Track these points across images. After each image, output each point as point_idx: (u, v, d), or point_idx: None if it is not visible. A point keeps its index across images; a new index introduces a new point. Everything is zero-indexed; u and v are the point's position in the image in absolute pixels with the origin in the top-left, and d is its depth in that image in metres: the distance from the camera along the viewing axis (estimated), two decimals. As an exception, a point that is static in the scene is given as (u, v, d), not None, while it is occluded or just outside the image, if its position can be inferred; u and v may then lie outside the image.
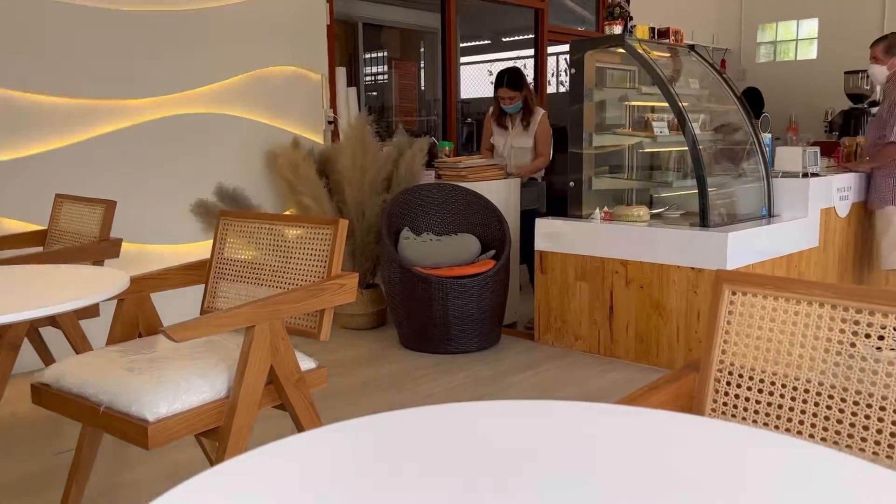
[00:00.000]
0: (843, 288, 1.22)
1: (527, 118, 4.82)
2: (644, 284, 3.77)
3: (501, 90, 4.76)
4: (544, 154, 4.89)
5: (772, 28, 7.57)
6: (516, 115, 4.85)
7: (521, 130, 4.84)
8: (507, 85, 4.74)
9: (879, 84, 4.29)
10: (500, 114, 4.86)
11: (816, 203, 4.09)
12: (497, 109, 4.88)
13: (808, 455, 0.92)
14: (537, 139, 4.85)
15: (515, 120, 4.87)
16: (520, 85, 4.76)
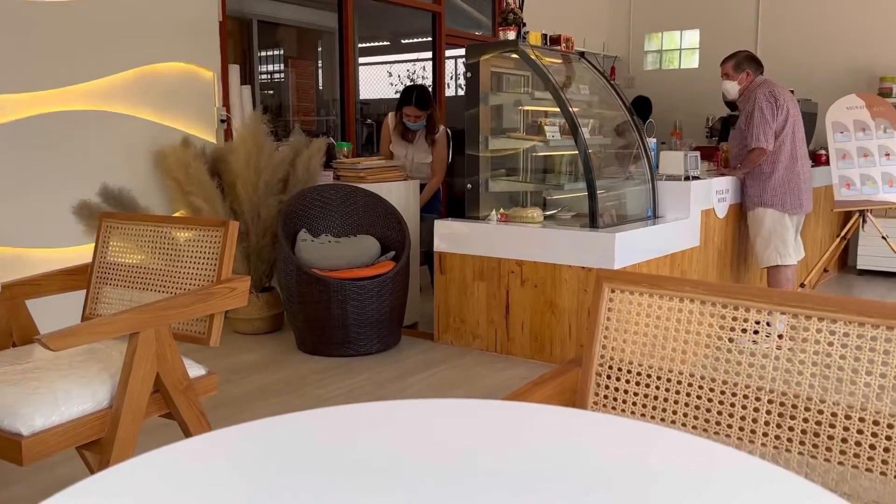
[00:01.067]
0: (711, 285, 1.30)
1: (431, 136, 4.91)
2: (538, 284, 3.87)
3: (408, 108, 4.79)
4: (438, 173, 5.00)
5: (657, 37, 7.95)
6: (418, 132, 4.92)
7: (425, 146, 4.94)
8: (416, 104, 4.78)
9: (732, 98, 4.60)
10: (404, 128, 4.91)
11: (697, 205, 4.32)
12: (400, 123, 4.91)
13: (678, 443, 0.98)
14: (434, 157, 4.94)
15: (417, 136, 4.94)
16: (427, 104, 4.82)
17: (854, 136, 5.53)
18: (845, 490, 1.12)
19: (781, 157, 4.38)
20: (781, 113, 4.33)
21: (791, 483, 0.85)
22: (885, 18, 6.65)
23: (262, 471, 0.90)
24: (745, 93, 4.47)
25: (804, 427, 1.18)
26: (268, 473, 0.89)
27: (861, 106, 5.58)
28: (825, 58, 6.93)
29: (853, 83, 6.67)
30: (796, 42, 7.02)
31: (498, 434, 1.01)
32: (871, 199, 5.49)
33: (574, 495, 0.83)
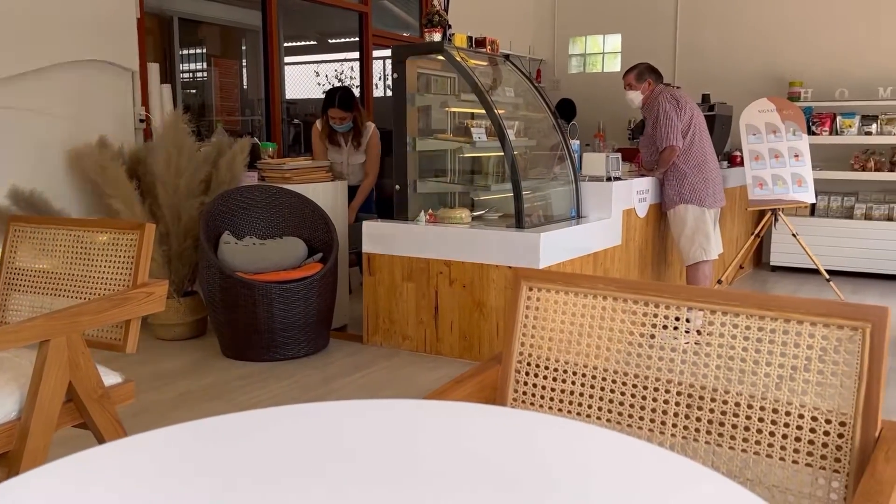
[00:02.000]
0: (623, 282, 1.35)
1: (357, 138, 4.90)
2: (466, 284, 3.91)
3: (332, 110, 4.78)
4: (371, 173, 5.00)
5: (581, 41, 8.13)
6: (348, 134, 4.91)
7: (354, 149, 4.93)
8: (339, 106, 4.76)
9: (638, 107, 4.78)
10: (331, 131, 4.88)
11: (619, 204, 4.44)
12: (326, 127, 4.88)
13: (591, 436, 1.01)
14: (367, 157, 4.94)
15: (347, 138, 4.92)
16: (350, 106, 4.80)
17: (766, 138, 5.79)
18: (748, 476, 1.18)
19: (693, 155, 4.56)
20: (685, 113, 4.52)
21: (715, 482, 0.89)
22: (794, 27, 6.99)
23: (172, 476, 0.88)
24: (647, 101, 4.64)
25: (710, 417, 1.23)
26: (178, 479, 0.87)
27: (772, 109, 5.85)
28: (740, 63, 7.22)
29: (765, 87, 6.98)
30: (713, 48, 7.29)
31: (415, 432, 1.02)
32: (783, 199, 5.75)
33: (486, 490, 0.85)
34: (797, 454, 1.15)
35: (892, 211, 6.35)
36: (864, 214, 6.44)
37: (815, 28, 6.88)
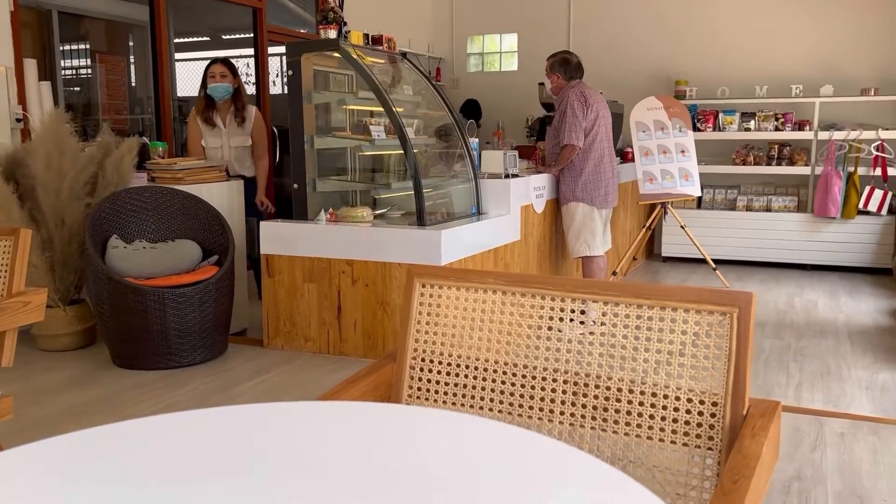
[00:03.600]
0: (510, 276, 1.38)
1: (240, 113, 4.63)
2: (369, 282, 3.89)
3: (214, 66, 4.52)
4: (263, 155, 4.79)
5: (479, 40, 8.24)
6: (227, 110, 4.63)
7: (237, 127, 4.66)
8: (221, 61, 4.55)
9: (553, 95, 4.88)
10: (206, 107, 4.61)
11: (517, 201, 4.54)
12: (202, 102, 4.62)
13: (482, 429, 1.03)
14: (254, 140, 4.73)
15: (227, 115, 4.64)
16: (234, 68, 4.60)
17: (654, 134, 6.05)
18: (630, 458, 1.23)
19: (592, 155, 4.69)
20: (591, 113, 4.64)
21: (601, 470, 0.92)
22: (679, 28, 7.33)
23: (45, 491, 0.84)
24: (558, 92, 4.75)
25: (595, 403, 1.28)
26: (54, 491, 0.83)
27: (660, 107, 6.12)
28: (630, 63, 7.52)
29: (654, 86, 7.29)
30: (605, 48, 7.55)
31: (312, 434, 1.01)
32: (671, 192, 6.03)
33: (383, 489, 0.85)
34: (675, 435, 1.21)
35: (770, 202, 6.78)
36: (746, 206, 6.84)
37: (700, 31, 7.25)
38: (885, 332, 4.60)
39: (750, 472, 0.98)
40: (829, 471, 2.62)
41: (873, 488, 2.48)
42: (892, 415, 3.22)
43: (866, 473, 2.59)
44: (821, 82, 6.69)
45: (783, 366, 3.93)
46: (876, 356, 4.07)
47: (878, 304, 5.32)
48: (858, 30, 6.70)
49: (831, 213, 6.36)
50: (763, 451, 1.04)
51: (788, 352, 4.19)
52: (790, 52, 6.93)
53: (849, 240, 6.43)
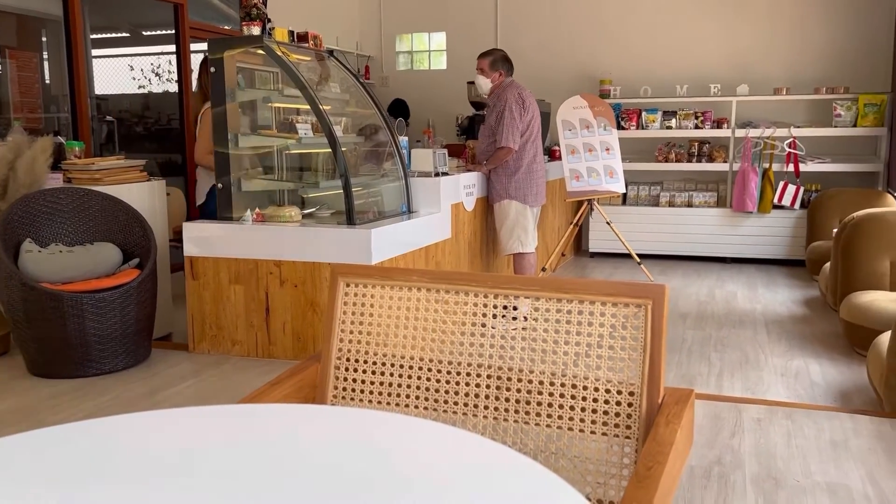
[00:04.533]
0: (434, 273, 1.38)
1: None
2: (298, 283, 3.84)
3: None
4: None
5: (408, 39, 8.24)
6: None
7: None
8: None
9: (484, 94, 4.91)
10: None
11: (447, 199, 4.55)
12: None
13: (406, 426, 1.03)
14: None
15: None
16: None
17: (580, 133, 6.18)
18: (552, 450, 1.26)
19: (525, 154, 4.76)
20: (527, 115, 4.71)
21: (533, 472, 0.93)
22: (603, 29, 7.50)
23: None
24: (495, 91, 4.79)
25: (518, 397, 1.30)
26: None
27: (585, 106, 6.25)
28: (556, 62, 7.65)
29: (579, 85, 7.44)
30: (531, 47, 7.66)
31: (225, 438, 0.99)
32: (597, 189, 6.17)
33: (300, 490, 0.84)
34: (594, 425, 1.24)
35: (691, 198, 7.01)
36: (669, 202, 7.06)
37: (624, 32, 7.43)
38: (799, 320, 4.82)
39: (664, 458, 1.01)
40: (747, 455, 2.73)
41: (787, 470, 2.60)
42: (805, 399, 3.38)
43: (780, 456, 2.72)
44: (737, 82, 6.95)
45: (705, 355, 4.07)
46: (790, 344, 4.27)
47: (793, 295, 5.58)
48: (771, 33, 7.00)
49: (748, 208, 6.62)
50: (677, 437, 1.07)
51: (710, 342, 4.34)
52: (708, 53, 7.19)
53: (765, 233, 6.71)
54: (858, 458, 2.68)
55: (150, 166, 5.56)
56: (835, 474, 2.56)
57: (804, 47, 6.92)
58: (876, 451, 2.74)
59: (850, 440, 2.84)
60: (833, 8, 6.82)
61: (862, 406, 3.28)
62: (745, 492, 2.44)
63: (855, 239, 4.50)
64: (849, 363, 3.90)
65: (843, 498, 2.40)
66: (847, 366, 3.86)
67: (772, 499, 2.40)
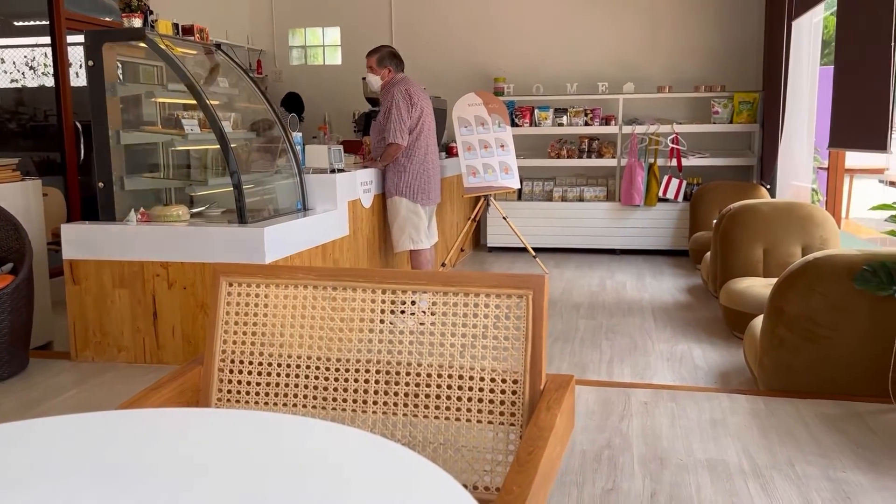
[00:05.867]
0: (321, 270, 1.37)
1: None
2: (187, 285, 3.71)
3: None
4: None
5: (301, 33, 8.09)
6: None
7: None
8: None
9: (375, 90, 4.90)
10: None
11: (344, 196, 4.51)
12: None
13: (295, 427, 1.02)
14: None
15: None
16: None
17: (475, 129, 6.27)
18: (441, 441, 1.27)
19: (416, 152, 4.77)
20: (416, 111, 4.71)
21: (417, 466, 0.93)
22: (496, 27, 7.62)
23: None
24: (385, 87, 4.77)
25: (406, 391, 1.30)
26: None
27: (479, 103, 6.34)
28: (451, 59, 7.72)
29: (474, 82, 7.54)
30: (426, 44, 7.70)
31: (102, 444, 0.94)
32: (493, 185, 6.28)
33: (177, 495, 0.81)
34: (480, 414, 1.27)
35: (582, 193, 7.25)
36: (561, 197, 7.27)
37: (516, 30, 7.58)
38: (683, 307, 5.08)
39: (544, 442, 1.04)
40: (635, 437, 2.85)
41: (672, 450, 2.74)
42: (688, 382, 3.57)
43: (666, 437, 2.85)
44: (623, 80, 7.24)
45: (596, 344, 4.22)
46: (675, 330, 4.49)
47: (677, 283, 5.87)
48: (653, 34, 7.33)
49: (636, 202, 6.91)
50: (557, 422, 1.11)
51: (601, 330, 4.51)
52: (596, 53, 7.44)
53: (651, 225, 7.03)
54: (735, 435, 2.86)
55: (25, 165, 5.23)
56: (714, 451, 2.72)
57: (684, 48, 7.28)
58: (751, 427, 2.93)
59: (728, 418, 3.02)
60: (710, 11, 7.21)
61: (739, 386, 3.50)
62: (633, 472, 2.56)
63: (731, 229, 4.78)
64: (728, 346, 4.14)
65: (721, 473, 2.55)
66: (726, 349, 4.10)
67: (658, 478, 2.52)
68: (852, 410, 3.07)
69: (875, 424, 2.93)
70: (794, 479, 2.49)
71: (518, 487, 0.93)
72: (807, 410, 3.08)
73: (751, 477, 2.51)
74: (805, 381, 3.28)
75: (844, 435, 2.83)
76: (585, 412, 3.10)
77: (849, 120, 4.34)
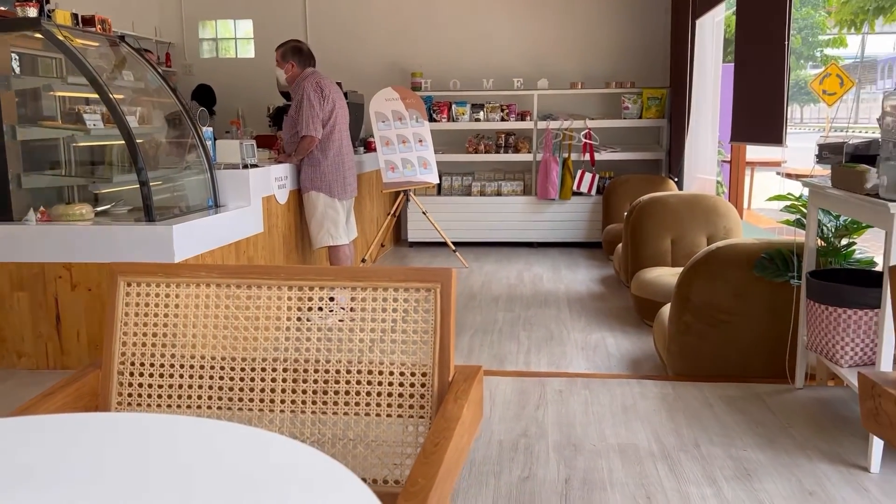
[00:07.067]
0: (225, 268, 1.34)
1: None
2: (93, 286, 3.56)
3: None
4: None
5: (212, 25, 7.87)
6: None
7: None
8: None
9: (284, 85, 4.83)
10: None
11: (258, 192, 4.42)
12: None
13: (190, 428, 0.99)
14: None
15: None
16: None
17: (393, 124, 6.25)
18: (351, 436, 1.27)
19: (331, 145, 4.71)
20: (328, 104, 4.65)
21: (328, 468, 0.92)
22: (412, 22, 7.62)
23: None
24: (294, 81, 4.69)
25: (315, 388, 1.29)
26: None
27: (397, 98, 6.33)
28: (367, 53, 7.66)
29: (392, 77, 7.52)
30: (342, 38, 7.62)
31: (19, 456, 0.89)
32: (412, 180, 6.28)
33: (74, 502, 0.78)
34: (390, 408, 1.27)
35: (500, 187, 7.34)
36: (480, 191, 7.34)
37: (432, 25, 7.60)
38: (597, 298, 5.23)
39: (450, 433, 1.05)
40: (550, 425, 2.92)
41: (585, 436, 2.82)
42: (602, 369, 3.68)
43: (579, 423, 2.93)
44: (538, 76, 7.37)
45: (514, 335, 4.29)
46: (589, 320, 4.62)
47: (591, 274, 6.03)
48: (566, 31, 7.49)
49: (551, 196, 7.06)
50: (464, 412, 1.12)
51: (519, 322, 4.58)
52: (511, 48, 7.54)
53: (566, 218, 7.19)
54: (645, 419, 2.96)
55: None
56: (625, 436, 2.81)
57: (596, 45, 7.47)
58: (660, 411, 3.05)
59: (639, 403, 3.13)
60: (619, 9, 7.42)
61: (649, 372, 3.62)
62: (549, 459, 2.61)
63: (641, 221, 4.95)
64: (639, 334, 4.29)
65: (631, 456, 2.64)
66: (637, 336, 4.24)
67: (572, 464, 2.58)
68: (753, 392, 3.23)
69: (773, 404, 3.09)
70: (700, 459, 2.60)
71: (423, 479, 0.94)
72: (711, 393, 3.23)
73: (659, 459, 2.61)
74: (710, 365, 3.44)
75: (745, 415, 2.98)
76: (503, 402, 3.15)
77: (748, 115, 4.56)
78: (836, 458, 2.59)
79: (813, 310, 2.91)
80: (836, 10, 11.40)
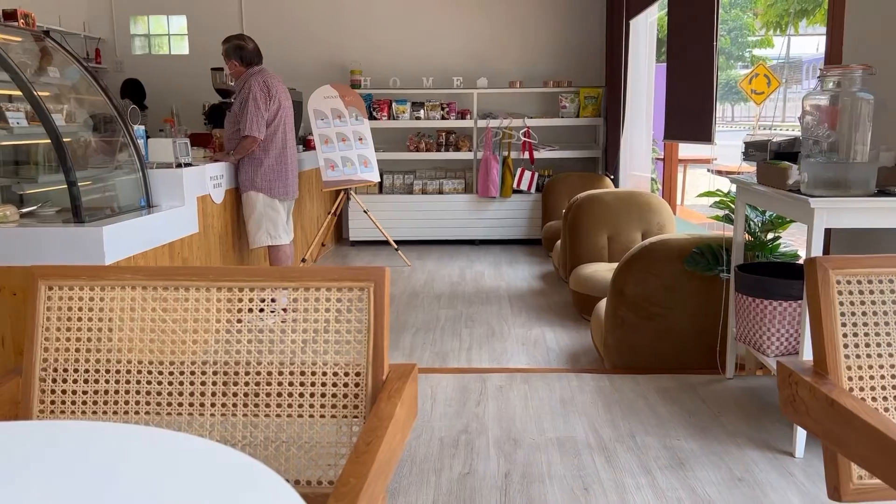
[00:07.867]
0: (152, 270, 1.31)
1: None
2: (18, 291, 3.42)
3: None
4: None
5: (144, 21, 7.65)
6: None
7: None
8: None
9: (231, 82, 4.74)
10: None
11: (192, 191, 4.32)
12: None
13: (123, 435, 0.96)
14: None
15: None
16: None
17: (332, 122, 6.20)
18: (283, 438, 1.25)
19: (273, 145, 4.65)
20: (274, 103, 4.58)
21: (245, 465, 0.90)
22: (350, 19, 7.56)
23: None
24: (241, 78, 4.61)
25: (246, 390, 1.27)
26: None
27: (335, 96, 6.28)
28: (306, 50, 7.57)
29: (330, 75, 7.45)
30: (279, 34, 7.51)
31: None
32: (353, 179, 6.24)
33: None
34: (324, 409, 1.26)
35: (442, 185, 7.36)
36: (422, 190, 7.35)
37: (372, 22, 7.56)
38: (537, 294, 5.29)
39: (383, 432, 1.05)
40: (490, 420, 2.95)
41: (525, 430, 2.85)
42: (542, 364, 3.73)
43: (519, 418, 2.97)
44: (478, 75, 7.41)
45: (457, 332, 4.32)
46: (529, 316, 4.67)
47: (532, 271, 6.10)
48: (505, 30, 7.55)
49: (492, 193, 7.11)
50: (397, 411, 1.13)
51: (461, 319, 4.61)
52: (451, 47, 7.57)
53: (507, 216, 7.26)
54: (583, 412, 3.02)
55: None
56: (564, 429, 2.86)
57: (534, 44, 7.56)
58: (597, 404, 3.11)
59: (577, 397, 3.19)
60: (556, 9, 7.52)
61: (587, 365, 3.69)
62: (489, 455, 2.64)
63: (579, 217, 5.03)
64: (577, 328, 4.36)
65: (569, 449, 2.69)
66: (576, 331, 4.32)
67: (512, 458, 2.61)
68: (686, 383, 3.33)
69: (705, 394, 3.19)
70: (636, 450, 2.67)
71: (355, 478, 0.94)
72: (647, 385, 3.31)
73: (597, 451, 2.67)
74: (646, 358, 3.52)
75: (679, 406, 3.06)
76: (444, 399, 3.16)
77: (680, 114, 4.68)
78: (764, 445, 2.69)
79: (741, 302, 3.01)
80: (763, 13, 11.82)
